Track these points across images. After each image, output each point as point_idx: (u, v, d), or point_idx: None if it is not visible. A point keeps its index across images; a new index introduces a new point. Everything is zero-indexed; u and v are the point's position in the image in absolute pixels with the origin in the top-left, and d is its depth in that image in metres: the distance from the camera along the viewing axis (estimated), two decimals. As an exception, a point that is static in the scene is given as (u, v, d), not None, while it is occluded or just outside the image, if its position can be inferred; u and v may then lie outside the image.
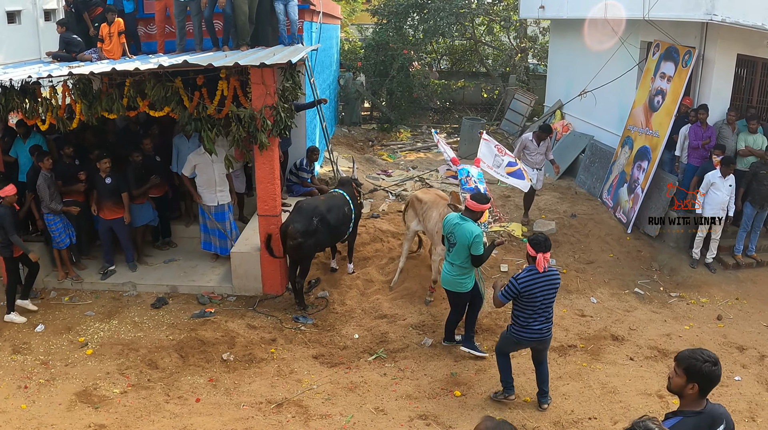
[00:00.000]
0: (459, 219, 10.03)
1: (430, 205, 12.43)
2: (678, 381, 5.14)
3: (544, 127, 15.08)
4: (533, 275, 8.74)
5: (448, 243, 10.22)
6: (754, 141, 14.45)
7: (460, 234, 9.89)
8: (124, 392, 9.64)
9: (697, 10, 13.83)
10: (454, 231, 10.00)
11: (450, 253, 10.18)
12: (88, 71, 10.91)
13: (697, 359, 5.06)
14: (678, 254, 14.96)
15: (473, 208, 9.94)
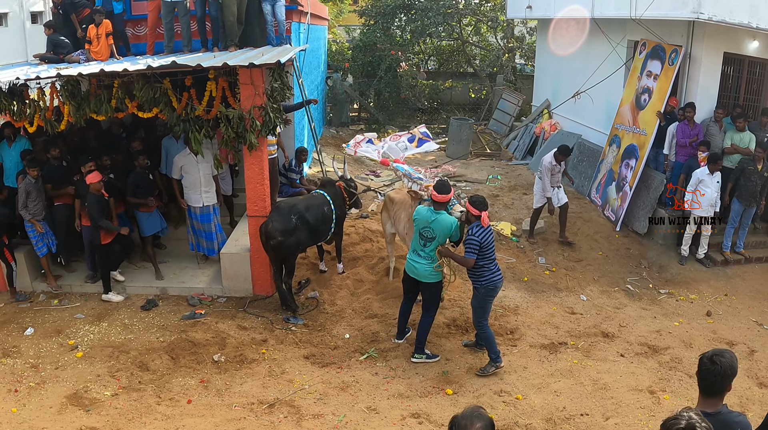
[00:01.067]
0: (432, 214, 10.03)
1: (399, 205, 12.44)
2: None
3: (563, 149, 14.81)
4: (484, 229, 9.78)
5: (423, 238, 10.15)
6: (741, 139, 14.56)
7: (440, 229, 9.94)
8: (115, 395, 9.58)
9: (683, 9, 13.92)
10: (431, 226, 10.00)
11: (425, 247, 10.13)
12: (77, 73, 10.88)
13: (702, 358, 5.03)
14: (667, 251, 15.08)
15: (440, 200, 9.98)
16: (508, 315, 12.15)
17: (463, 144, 23.36)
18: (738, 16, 13.76)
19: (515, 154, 23.38)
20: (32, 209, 12.16)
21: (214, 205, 13.38)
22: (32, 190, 12.09)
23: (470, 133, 23.94)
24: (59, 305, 12.26)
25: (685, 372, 10.26)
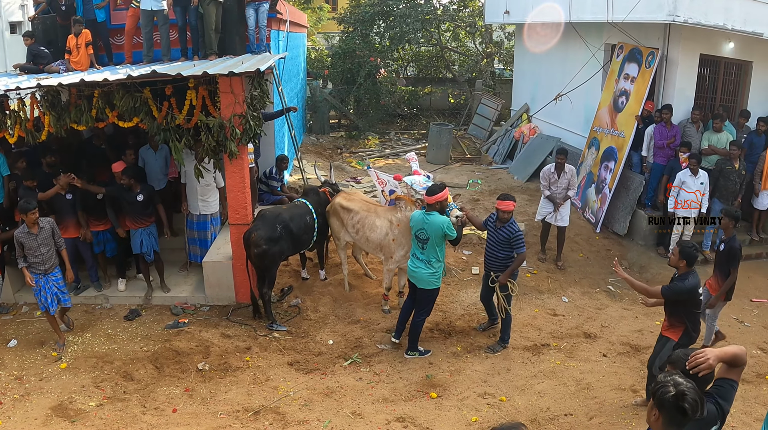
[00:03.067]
0: (425, 216, 10.28)
1: (364, 213, 12.42)
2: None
3: (561, 150, 14.55)
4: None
5: (419, 241, 10.38)
6: (718, 140, 14.78)
7: (432, 229, 10.17)
8: (100, 405, 9.58)
9: (659, 12, 14.11)
10: (424, 227, 10.24)
11: (423, 250, 10.35)
12: (57, 83, 10.89)
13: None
14: (647, 251, 15.27)
15: (431, 201, 10.30)
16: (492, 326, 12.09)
17: (443, 149, 23.45)
18: (713, 18, 13.96)
19: (495, 158, 23.46)
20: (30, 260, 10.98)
21: (212, 215, 13.45)
22: (25, 240, 10.81)
23: (450, 138, 24.06)
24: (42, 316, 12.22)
25: (667, 370, 10.36)
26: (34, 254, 10.76)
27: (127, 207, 12.32)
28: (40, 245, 10.74)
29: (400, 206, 12.09)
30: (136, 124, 11.68)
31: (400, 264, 12.14)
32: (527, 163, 20.65)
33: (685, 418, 4.47)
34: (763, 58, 15.77)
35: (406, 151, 24.84)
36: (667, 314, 9.14)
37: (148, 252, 12.57)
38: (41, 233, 10.76)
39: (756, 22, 14.31)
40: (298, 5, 33.16)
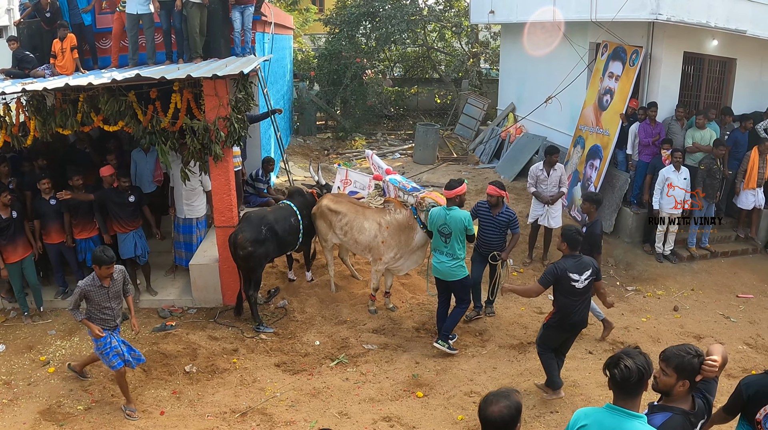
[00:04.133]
0: (446, 211, 10.56)
1: (353, 216, 12.49)
2: (668, 380, 5.01)
3: (549, 148, 14.44)
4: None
5: (441, 236, 10.60)
6: (702, 137, 14.88)
7: (454, 223, 10.51)
8: (89, 409, 9.63)
9: (642, 10, 14.21)
10: (447, 223, 10.55)
11: (446, 244, 10.60)
12: (42, 87, 10.90)
13: (685, 354, 5.03)
14: (633, 248, 15.38)
15: (450, 196, 10.61)
16: (477, 317, 12.29)
17: (430, 149, 23.50)
18: (696, 16, 14.07)
19: (482, 158, 23.56)
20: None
21: (198, 219, 13.50)
22: (95, 295, 9.26)
23: (436, 138, 24.14)
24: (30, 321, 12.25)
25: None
26: (102, 310, 9.27)
27: (117, 211, 12.25)
28: (111, 299, 9.32)
29: (389, 209, 12.19)
30: (121, 128, 11.69)
31: (388, 265, 12.22)
32: (514, 162, 20.72)
33: (624, 384, 4.86)
34: (747, 55, 15.90)
35: (393, 151, 24.87)
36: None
37: (143, 254, 12.66)
38: (113, 286, 9.31)
39: (739, 19, 14.41)
40: (284, 6, 33.24)
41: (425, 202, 11.51)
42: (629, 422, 4.81)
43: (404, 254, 12.12)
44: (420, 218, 11.62)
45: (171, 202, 13.58)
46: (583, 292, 8.91)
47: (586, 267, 8.95)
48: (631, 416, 4.84)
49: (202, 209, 13.52)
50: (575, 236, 8.99)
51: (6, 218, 11.67)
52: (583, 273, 8.93)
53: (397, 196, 12.02)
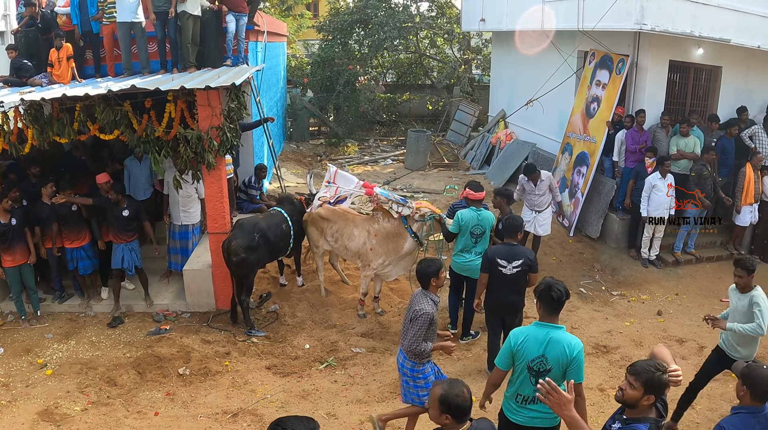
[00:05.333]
0: (476, 211, 11.26)
1: (343, 223, 12.77)
2: (634, 394, 5.25)
3: (528, 167, 14.33)
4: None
5: (473, 236, 11.17)
6: (686, 144, 15.05)
7: (487, 223, 11.28)
8: (85, 410, 9.81)
9: (627, 20, 14.39)
10: (480, 223, 11.20)
11: (476, 244, 11.19)
12: (39, 97, 11.08)
13: (654, 371, 5.22)
14: (619, 254, 15.58)
15: (477, 197, 11.38)
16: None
17: (421, 155, 23.70)
18: (680, 25, 14.24)
19: (472, 164, 23.73)
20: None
21: (194, 225, 13.74)
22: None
23: (428, 144, 24.34)
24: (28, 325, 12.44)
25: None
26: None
27: (113, 221, 12.43)
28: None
29: (377, 218, 12.47)
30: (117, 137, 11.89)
31: (377, 271, 12.51)
32: (504, 169, 20.92)
33: (559, 304, 6.70)
34: (733, 63, 16.08)
35: (385, 157, 25.05)
36: None
37: (129, 268, 12.66)
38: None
39: (724, 28, 14.58)
40: (278, 12, 33.35)
41: (420, 212, 11.83)
42: (555, 331, 6.59)
43: (393, 260, 12.40)
44: (411, 227, 11.94)
45: (165, 210, 13.78)
46: (510, 278, 9.41)
47: (518, 257, 9.49)
48: (555, 328, 6.62)
49: (197, 216, 13.75)
50: (514, 223, 9.75)
51: (4, 224, 11.84)
52: (513, 262, 9.50)
53: (390, 207, 12.27)
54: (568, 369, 6.52)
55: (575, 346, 6.51)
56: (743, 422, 5.84)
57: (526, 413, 6.87)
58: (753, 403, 5.87)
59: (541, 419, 6.83)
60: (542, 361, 6.57)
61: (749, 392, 5.85)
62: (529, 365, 6.63)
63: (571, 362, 6.50)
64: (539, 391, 5.06)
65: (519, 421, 6.92)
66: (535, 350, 6.59)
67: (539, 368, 6.58)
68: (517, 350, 6.69)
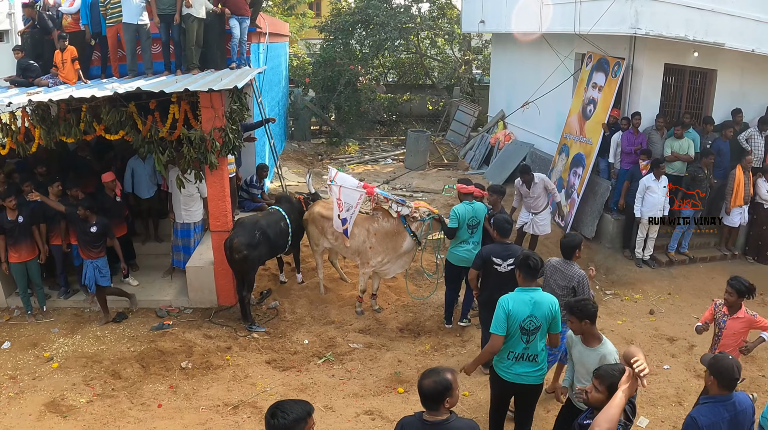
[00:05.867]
0: (469, 205, 11.87)
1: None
2: (599, 397, 5.59)
3: (523, 168, 14.64)
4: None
5: (469, 228, 11.77)
6: (680, 146, 15.23)
7: (480, 212, 11.89)
8: (90, 402, 10.02)
9: (622, 24, 14.55)
10: (474, 214, 11.80)
11: (472, 235, 11.70)
12: (47, 98, 11.30)
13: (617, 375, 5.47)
14: (613, 253, 15.75)
15: (468, 191, 12.08)
16: (458, 318, 12.72)
17: (421, 155, 23.90)
18: (675, 30, 14.39)
19: (471, 164, 23.89)
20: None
21: (196, 224, 13.94)
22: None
23: (427, 144, 24.55)
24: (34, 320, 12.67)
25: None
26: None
27: (80, 236, 12.37)
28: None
29: (377, 217, 12.72)
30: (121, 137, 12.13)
31: (375, 269, 12.77)
32: (502, 169, 21.07)
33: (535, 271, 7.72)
34: (728, 66, 16.18)
35: (386, 157, 25.25)
36: None
37: (90, 285, 12.49)
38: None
39: (718, 32, 14.70)
40: (281, 11, 33.47)
41: (419, 211, 12.18)
42: (535, 293, 7.68)
43: (391, 258, 12.67)
44: (410, 227, 12.25)
45: (170, 208, 14.03)
46: (505, 276, 9.57)
47: (512, 255, 9.65)
48: (534, 290, 7.71)
49: (200, 214, 13.95)
50: (504, 224, 9.97)
51: (11, 220, 12.08)
52: (507, 259, 9.73)
53: (389, 207, 12.51)
54: (552, 323, 7.70)
55: (555, 303, 7.70)
56: (712, 411, 6.06)
57: (516, 370, 7.81)
58: (721, 392, 6.11)
59: (527, 376, 7.82)
60: (532, 319, 7.59)
61: (716, 382, 6.10)
62: (521, 325, 7.59)
63: (554, 317, 7.66)
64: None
65: (509, 378, 7.87)
66: (525, 311, 7.59)
67: (530, 327, 7.61)
68: (510, 314, 7.59)
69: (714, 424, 6.02)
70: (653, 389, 10.44)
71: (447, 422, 5.43)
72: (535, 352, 7.74)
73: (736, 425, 6.12)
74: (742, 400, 6.18)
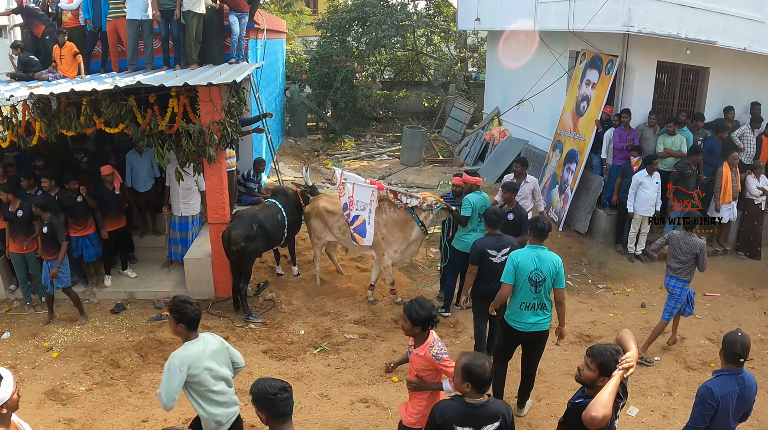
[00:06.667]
0: (479, 194, 12.45)
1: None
2: (590, 375, 5.66)
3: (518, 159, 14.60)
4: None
5: (480, 216, 11.97)
6: (673, 143, 15.39)
7: (488, 202, 12.38)
8: (90, 390, 10.18)
9: (615, 22, 14.73)
10: (484, 203, 12.19)
11: (480, 223, 11.87)
12: (48, 92, 11.40)
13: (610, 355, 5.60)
14: (606, 248, 15.92)
15: (476, 182, 12.84)
16: (451, 309, 12.95)
17: (416, 151, 24.06)
18: (667, 27, 14.55)
19: (466, 160, 24.07)
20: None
21: (194, 216, 14.12)
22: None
23: (423, 141, 24.72)
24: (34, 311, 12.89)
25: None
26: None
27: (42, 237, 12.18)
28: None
29: (383, 208, 12.92)
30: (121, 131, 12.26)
31: (393, 259, 13.08)
32: (496, 165, 21.25)
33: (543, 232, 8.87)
34: (720, 64, 16.33)
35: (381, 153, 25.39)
36: None
37: (46, 285, 12.34)
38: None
39: (710, 30, 14.86)
40: (278, 8, 33.60)
41: (427, 202, 12.47)
42: (541, 250, 8.81)
43: (402, 247, 12.99)
44: (419, 217, 12.57)
45: (166, 201, 14.18)
46: (500, 266, 9.60)
47: (506, 245, 10.04)
48: (540, 248, 8.84)
49: (197, 207, 14.11)
50: (492, 216, 10.26)
51: (11, 212, 12.21)
52: (501, 250, 10.02)
53: (398, 199, 12.75)
54: (556, 278, 8.80)
55: (558, 260, 8.84)
56: (725, 383, 6.43)
57: (528, 319, 8.96)
58: (727, 366, 6.51)
59: (538, 324, 9.00)
60: (538, 272, 8.71)
61: (721, 355, 6.55)
62: (528, 277, 8.72)
63: (557, 273, 8.78)
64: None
65: (523, 328, 9.02)
66: (531, 264, 8.73)
67: (536, 279, 8.73)
68: (518, 266, 8.77)
69: (727, 395, 6.37)
70: (643, 380, 10.64)
71: (488, 403, 5.70)
72: (542, 302, 8.90)
73: (743, 399, 6.47)
74: (749, 377, 6.55)
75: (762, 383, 10.58)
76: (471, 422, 5.61)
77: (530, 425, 9.59)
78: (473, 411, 5.61)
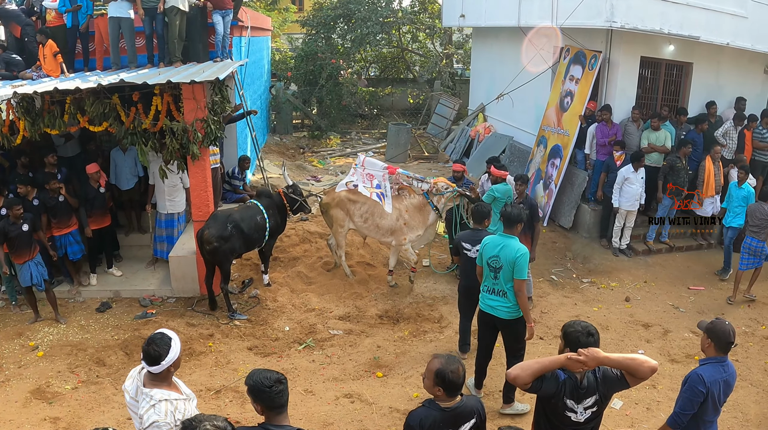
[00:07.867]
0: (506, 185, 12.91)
1: (372, 203, 13.40)
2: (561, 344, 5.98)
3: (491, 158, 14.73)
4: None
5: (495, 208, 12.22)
6: (657, 138, 15.50)
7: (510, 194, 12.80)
8: (75, 388, 10.19)
9: (598, 18, 14.83)
10: (510, 195, 12.67)
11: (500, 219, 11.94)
12: (32, 91, 11.40)
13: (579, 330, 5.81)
14: (590, 243, 16.02)
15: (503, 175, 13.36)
16: (437, 304, 13.04)
17: (401, 148, 24.10)
18: (650, 23, 14.65)
19: (452, 156, 23.95)
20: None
21: (179, 214, 14.17)
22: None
23: (408, 137, 24.79)
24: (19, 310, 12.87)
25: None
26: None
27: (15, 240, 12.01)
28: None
29: (404, 195, 13.36)
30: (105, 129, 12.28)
31: (413, 243, 13.47)
32: (482, 161, 21.16)
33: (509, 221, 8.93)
34: (704, 59, 16.47)
35: (367, 149, 25.41)
36: None
37: (39, 283, 12.26)
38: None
39: (693, 26, 14.96)
40: (263, 6, 33.60)
41: (438, 186, 12.97)
42: (509, 239, 8.89)
43: (421, 232, 13.41)
44: (432, 201, 13.02)
45: (149, 199, 14.20)
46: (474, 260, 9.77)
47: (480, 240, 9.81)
48: (509, 238, 8.91)
49: (183, 204, 14.16)
50: (480, 211, 10.46)
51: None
52: (476, 245, 9.97)
53: (411, 185, 13.04)
54: (514, 267, 8.77)
55: (519, 250, 8.80)
56: (714, 370, 6.54)
57: (487, 302, 9.26)
58: (717, 354, 6.59)
59: (496, 309, 9.19)
60: (496, 259, 8.90)
61: (713, 345, 6.58)
62: (487, 262, 9.00)
63: (515, 261, 8.75)
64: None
65: (484, 308, 9.35)
66: (492, 250, 8.95)
67: (494, 265, 8.96)
68: (483, 251, 9.11)
69: (715, 382, 6.50)
70: (627, 373, 10.69)
71: (462, 403, 5.74)
72: (502, 289, 9.01)
73: (727, 386, 6.63)
74: (731, 365, 6.69)
75: (746, 375, 10.74)
76: (450, 424, 5.67)
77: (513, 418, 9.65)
78: (449, 413, 5.67)
